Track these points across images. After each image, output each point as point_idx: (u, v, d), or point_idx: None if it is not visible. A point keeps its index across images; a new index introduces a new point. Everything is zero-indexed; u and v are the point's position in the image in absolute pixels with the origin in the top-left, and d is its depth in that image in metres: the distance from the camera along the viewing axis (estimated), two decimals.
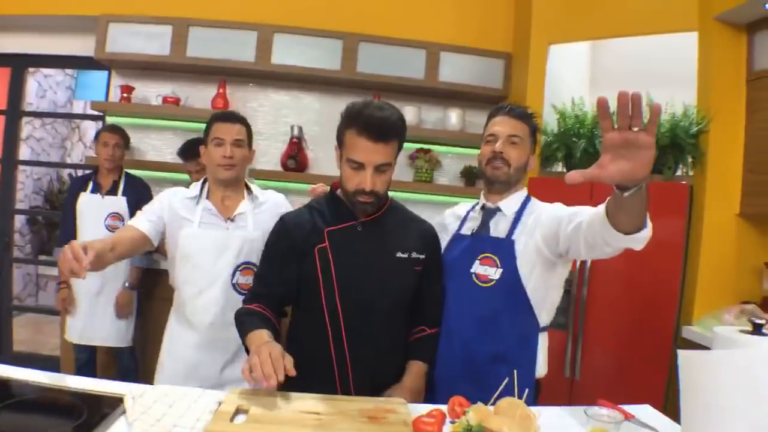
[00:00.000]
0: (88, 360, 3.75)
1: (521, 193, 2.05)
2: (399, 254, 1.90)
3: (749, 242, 3.35)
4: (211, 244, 2.21)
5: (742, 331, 1.61)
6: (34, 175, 6.77)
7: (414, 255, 1.92)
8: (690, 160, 3.41)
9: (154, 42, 4.18)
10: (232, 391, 1.60)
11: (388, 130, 1.75)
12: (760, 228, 3.35)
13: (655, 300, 3.33)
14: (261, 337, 1.72)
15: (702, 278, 3.32)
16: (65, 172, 6.99)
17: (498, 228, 2.00)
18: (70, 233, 3.63)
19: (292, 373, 1.52)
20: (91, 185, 3.69)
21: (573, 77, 4.40)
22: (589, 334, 3.38)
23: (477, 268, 1.93)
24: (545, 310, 1.95)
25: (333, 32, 4.22)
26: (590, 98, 3.75)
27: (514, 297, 1.89)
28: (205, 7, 4.26)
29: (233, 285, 2.22)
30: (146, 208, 2.27)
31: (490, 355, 1.88)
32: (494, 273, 1.90)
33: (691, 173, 3.46)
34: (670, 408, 3.02)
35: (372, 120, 1.73)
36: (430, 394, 1.99)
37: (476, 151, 4.45)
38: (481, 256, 1.94)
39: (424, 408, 1.58)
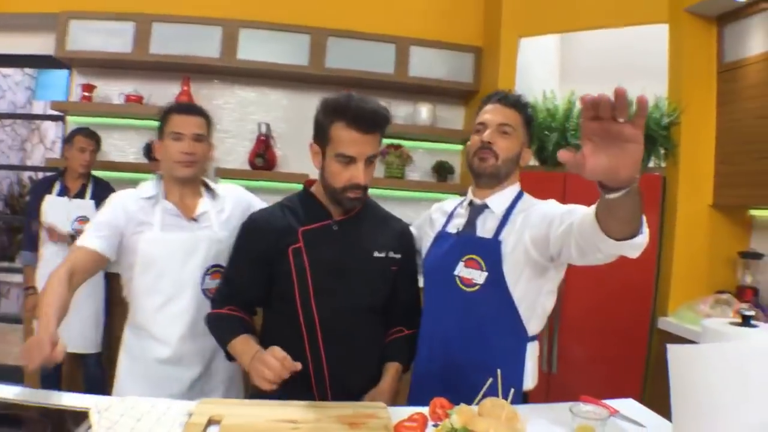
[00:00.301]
0: (54, 369, 3.58)
1: (512, 189, 1.89)
2: (376, 254, 1.84)
3: (722, 233, 3.37)
4: (177, 247, 2.01)
5: (731, 324, 1.57)
6: None
7: (391, 254, 1.86)
8: (662, 151, 3.42)
9: (116, 39, 4.06)
10: (203, 401, 1.52)
11: (378, 121, 1.72)
12: (732, 218, 3.38)
13: (631, 291, 3.33)
14: (248, 343, 1.71)
15: (677, 269, 3.33)
16: (26, 175, 6.79)
17: (485, 227, 1.84)
18: (34, 237, 3.52)
19: (299, 367, 1.54)
20: (57, 187, 3.57)
21: (543, 70, 4.38)
22: (564, 327, 3.36)
23: (461, 270, 1.81)
24: (535, 318, 1.81)
25: (300, 27, 4.14)
26: (560, 91, 3.73)
27: (500, 303, 1.75)
28: (168, 2, 4.14)
29: (203, 291, 2.03)
30: (96, 221, 2.01)
31: (472, 364, 1.76)
32: (479, 276, 1.76)
33: (663, 165, 3.47)
34: (648, 399, 3.04)
35: (361, 112, 1.68)
36: (407, 398, 1.93)
37: (447, 146, 4.51)
38: (466, 257, 1.81)
39: (405, 411, 1.52)
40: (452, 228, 1.93)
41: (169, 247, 2.01)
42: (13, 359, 4.75)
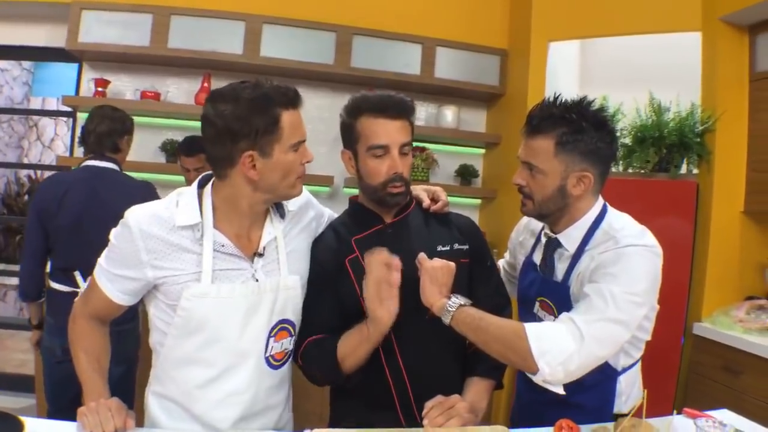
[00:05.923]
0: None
1: (586, 219, 1.67)
2: (440, 247, 1.74)
3: (752, 239, 3.40)
4: (236, 305, 1.49)
5: None
6: None
7: (456, 246, 1.76)
8: (696, 158, 3.43)
9: (132, 32, 3.87)
10: None
11: (404, 106, 1.67)
12: (763, 225, 3.41)
13: (665, 297, 3.31)
14: (355, 330, 1.63)
15: (710, 275, 3.35)
16: (23, 173, 6.51)
17: (560, 265, 1.72)
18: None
19: None
20: None
21: (563, 75, 4.37)
22: None
23: (538, 310, 1.74)
24: (621, 354, 1.69)
25: (326, 24, 4.03)
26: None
27: None
28: None
29: (266, 359, 1.57)
30: (109, 255, 1.50)
31: (554, 398, 1.65)
32: (551, 321, 1.64)
33: (695, 171, 3.48)
34: (680, 403, 3.05)
35: (385, 99, 1.65)
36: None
37: (471, 150, 4.47)
38: (539, 298, 1.73)
39: None
40: (537, 257, 1.82)
41: (224, 306, 1.48)
42: (14, 367, 4.56)
